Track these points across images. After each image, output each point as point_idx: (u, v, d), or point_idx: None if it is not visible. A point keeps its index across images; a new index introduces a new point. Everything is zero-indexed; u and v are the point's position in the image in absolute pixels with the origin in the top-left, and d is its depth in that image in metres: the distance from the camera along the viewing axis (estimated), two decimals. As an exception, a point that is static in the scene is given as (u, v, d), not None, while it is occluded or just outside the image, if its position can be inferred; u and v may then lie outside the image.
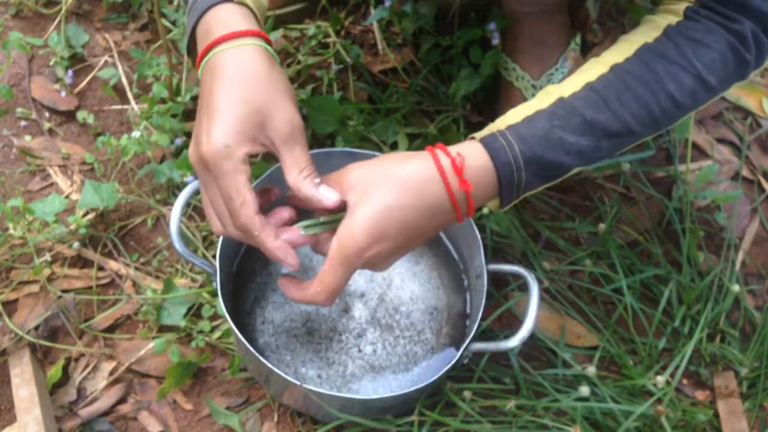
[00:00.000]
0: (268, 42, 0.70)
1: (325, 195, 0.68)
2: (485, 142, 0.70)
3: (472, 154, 0.70)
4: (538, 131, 0.71)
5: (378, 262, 0.70)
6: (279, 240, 0.69)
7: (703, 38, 0.73)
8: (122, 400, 0.93)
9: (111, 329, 0.97)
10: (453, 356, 0.84)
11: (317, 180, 0.69)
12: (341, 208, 0.69)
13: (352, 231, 0.67)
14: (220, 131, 0.65)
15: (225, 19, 0.69)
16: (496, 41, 1.07)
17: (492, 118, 1.02)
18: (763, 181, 1.18)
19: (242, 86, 0.66)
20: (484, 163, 0.70)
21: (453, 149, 0.70)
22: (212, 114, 0.66)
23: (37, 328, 0.94)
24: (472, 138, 0.72)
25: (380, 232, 0.67)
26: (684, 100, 0.73)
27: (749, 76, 0.77)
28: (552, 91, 0.73)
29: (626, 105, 0.71)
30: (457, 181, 0.69)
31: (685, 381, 0.99)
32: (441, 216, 0.70)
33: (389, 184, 0.68)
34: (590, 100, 0.72)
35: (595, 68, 0.74)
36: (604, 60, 0.74)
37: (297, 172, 0.68)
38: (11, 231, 0.97)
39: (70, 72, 1.16)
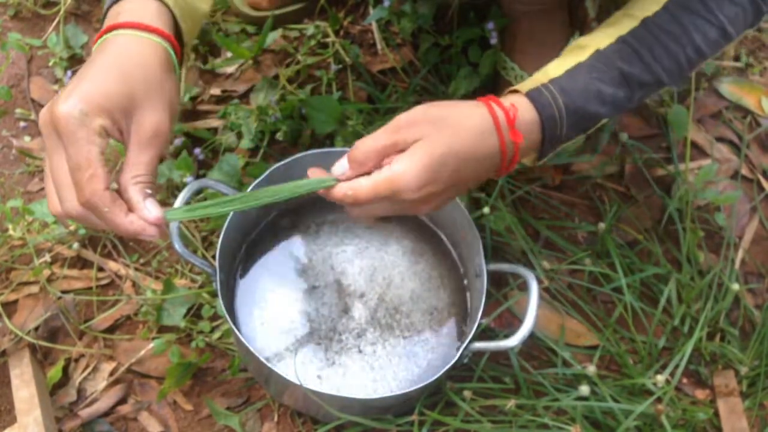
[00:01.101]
0: (174, 49, 0.68)
1: (149, 208, 0.63)
2: (532, 96, 0.72)
3: (521, 106, 0.71)
4: (579, 84, 0.73)
5: (417, 204, 0.69)
6: (131, 215, 0.62)
7: None
8: (122, 401, 0.93)
9: (111, 330, 0.97)
10: (453, 356, 0.84)
11: (148, 191, 0.64)
12: (158, 233, 0.64)
13: (409, 169, 0.66)
14: (81, 96, 0.61)
15: (138, 10, 0.67)
16: (494, 40, 1.07)
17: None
18: (762, 179, 1.18)
19: (126, 69, 0.63)
20: (532, 117, 0.71)
21: (504, 101, 0.71)
22: (81, 79, 0.62)
23: (37, 328, 0.94)
24: (516, 91, 0.73)
25: (434, 176, 0.67)
26: (707, 50, 0.76)
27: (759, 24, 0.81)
28: (587, 44, 0.75)
29: (658, 58, 0.74)
30: (509, 133, 0.70)
31: (685, 380, 0.99)
32: (487, 167, 0.71)
33: (450, 130, 0.67)
34: (624, 53, 0.74)
35: (625, 21, 0.75)
36: (633, 13, 0.76)
37: (132, 174, 0.63)
38: (11, 232, 0.97)
39: (69, 73, 1.15)
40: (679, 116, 1.13)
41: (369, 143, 0.68)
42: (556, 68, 0.74)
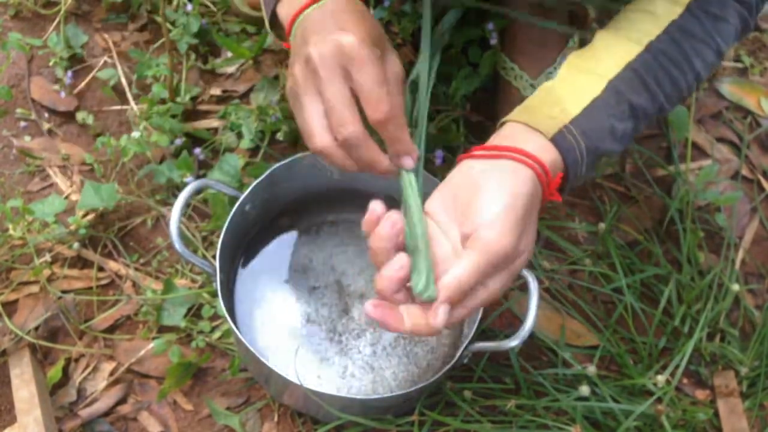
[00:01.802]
0: None
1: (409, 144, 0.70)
2: (556, 141, 0.69)
3: (546, 154, 0.68)
4: (597, 124, 0.71)
5: (521, 265, 0.65)
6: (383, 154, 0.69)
7: (720, 12, 0.75)
8: (122, 401, 0.93)
9: (111, 330, 0.97)
10: (453, 356, 0.84)
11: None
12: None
13: (497, 231, 0.61)
14: (360, 33, 0.66)
15: None
16: (494, 41, 1.07)
17: (491, 117, 1.02)
18: (762, 180, 1.18)
19: (359, 17, 0.68)
20: (555, 164, 0.69)
21: (531, 150, 0.67)
22: (329, 27, 0.67)
23: (37, 328, 0.94)
24: (537, 131, 0.69)
25: (521, 228, 0.63)
26: (704, 74, 0.76)
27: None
28: (596, 72, 0.73)
29: (662, 86, 0.73)
30: (547, 191, 0.69)
31: (685, 380, 0.99)
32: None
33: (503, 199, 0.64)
34: (633, 83, 0.73)
35: (630, 46, 0.74)
36: (635, 36, 0.74)
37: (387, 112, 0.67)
38: (11, 231, 0.97)
39: (69, 72, 1.15)
40: (679, 116, 1.13)
41: (473, 277, 0.62)
42: (573, 103, 0.71)
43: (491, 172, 0.65)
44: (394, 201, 0.99)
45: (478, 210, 0.63)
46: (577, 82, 0.73)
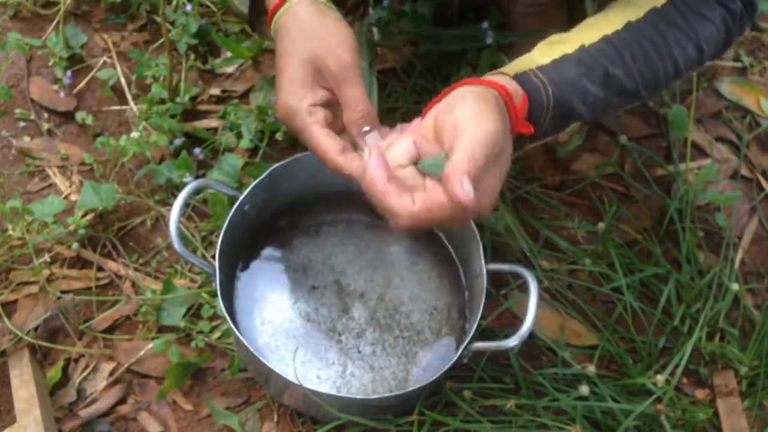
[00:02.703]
0: None
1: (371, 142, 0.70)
2: (522, 80, 0.70)
3: (510, 86, 0.69)
4: (568, 75, 0.72)
5: (506, 163, 0.66)
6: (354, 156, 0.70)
7: (704, 11, 0.75)
8: (122, 401, 0.93)
9: (110, 330, 0.97)
10: (452, 356, 0.84)
11: (366, 129, 0.71)
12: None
13: (475, 120, 0.63)
14: (282, 93, 0.70)
15: None
16: (489, 40, 1.07)
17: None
18: (762, 179, 1.18)
19: (293, 42, 0.71)
20: (519, 98, 0.70)
21: (497, 79, 0.69)
22: (277, 77, 0.72)
23: (36, 328, 0.94)
24: (503, 73, 0.71)
25: (499, 123, 0.64)
26: (683, 68, 0.76)
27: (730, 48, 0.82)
28: (567, 39, 0.74)
29: (638, 63, 0.74)
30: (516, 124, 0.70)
31: (684, 380, 0.99)
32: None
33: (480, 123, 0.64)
34: (609, 53, 0.73)
35: (607, 25, 0.75)
36: (615, 17, 0.75)
37: (350, 111, 0.70)
38: (10, 232, 0.97)
39: (68, 73, 1.15)
40: (679, 116, 1.13)
41: (481, 154, 0.63)
42: (540, 55, 0.73)
43: (458, 97, 0.67)
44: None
45: (454, 121, 0.64)
46: (551, 48, 0.75)
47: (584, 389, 0.89)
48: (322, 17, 0.71)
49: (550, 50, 0.74)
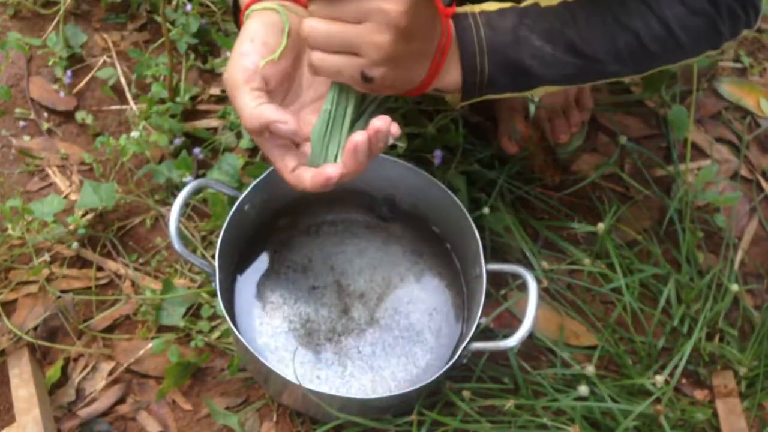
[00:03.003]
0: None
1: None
2: (456, 18, 0.70)
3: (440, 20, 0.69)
4: (508, 23, 0.72)
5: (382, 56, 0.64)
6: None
7: None
8: (121, 401, 0.93)
9: (110, 329, 0.97)
10: (452, 356, 0.84)
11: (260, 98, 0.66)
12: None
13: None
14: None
15: None
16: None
17: (490, 117, 1.02)
18: (761, 180, 1.18)
19: (240, 46, 0.67)
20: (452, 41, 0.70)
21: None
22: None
23: (36, 328, 0.94)
24: (444, 14, 0.71)
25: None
26: (649, 43, 0.75)
27: (722, 47, 0.80)
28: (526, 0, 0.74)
29: (593, 28, 0.74)
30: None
31: (684, 380, 0.99)
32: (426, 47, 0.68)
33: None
34: (561, 14, 0.73)
35: None
36: None
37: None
38: (10, 231, 0.97)
39: (68, 72, 1.15)
40: (678, 117, 1.13)
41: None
42: (491, 5, 0.73)
43: None
44: (394, 202, 0.99)
45: None
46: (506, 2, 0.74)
47: (583, 389, 0.89)
48: (265, 30, 0.68)
49: (506, 3, 0.74)
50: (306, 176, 0.66)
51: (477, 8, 0.73)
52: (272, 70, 0.67)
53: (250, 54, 0.67)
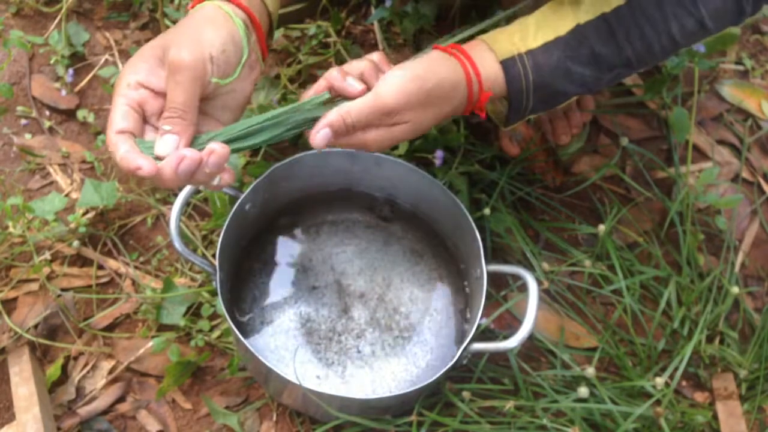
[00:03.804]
0: (245, 9, 0.70)
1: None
2: (505, 65, 0.75)
3: (489, 72, 0.75)
4: (552, 61, 0.75)
5: (400, 134, 0.73)
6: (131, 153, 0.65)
7: None
8: (121, 399, 0.93)
9: (110, 328, 0.97)
10: (452, 356, 0.84)
11: (166, 128, 0.66)
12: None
13: (390, 88, 0.71)
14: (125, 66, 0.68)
15: None
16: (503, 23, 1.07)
17: (491, 119, 1.02)
18: (763, 182, 1.18)
19: (170, 30, 0.69)
20: (497, 84, 0.75)
21: (477, 61, 0.74)
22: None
23: (36, 326, 0.94)
24: (491, 50, 0.75)
25: (417, 100, 0.71)
26: (681, 41, 0.77)
27: (743, 23, 0.82)
28: (570, 15, 0.76)
29: (632, 41, 0.76)
30: (479, 91, 0.75)
31: (684, 382, 0.99)
32: (454, 108, 0.75)
33: (432, 109, 0.73)
34: (601, 30, 0.75)
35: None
36: None
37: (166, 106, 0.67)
38: (11, 229, 0.97)
39: (70, 70, 1.15)
40: (680, 119, 1.13)
41: (356, 117, 0.71)
42: (535, 35, 0.76)
43: (427, 54, 0.75)
44: (394, 202, 1.00)
45: (392, 71, 0.72)
46: (549, 18, 0.77)
47: (583, 391, 0.89)
48: (209, 19, 0.68)
49: (547, 27, 0.76)
50: (130, 156, 0.64)
51: (523, 46, 0.75)
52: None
53: (147, 56, 0.67)
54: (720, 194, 1.12)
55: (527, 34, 0.76)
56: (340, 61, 1.17)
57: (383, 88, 0.70)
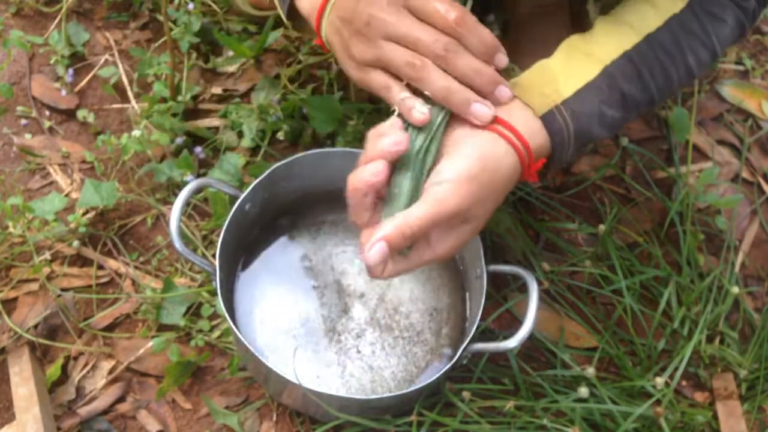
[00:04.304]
0: None
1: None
2: (546, 120, 0.71)
3: (533, 133, 0.70)
4: (587, 108, 0.72)
5: (470, 232, 0.69)
6: None
7: (719, 13, 0.76)
8: (121, 399, 0.93)
9: (110, 328, 0.97)
10: (452, 356, 0.84)
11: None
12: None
13: (450, 190, 0.64)
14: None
15: None
16: (496, 32, 1.07)
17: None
18: (763, 183, 1.18)
19: None
20: (542, 144, 0.71)
21: (518, 127, 0.69)
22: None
23: (36, 326, 0.94)
24: (529, 106, 0.71)
25: (479, 195, 0.66)
26: (697, 72, 0.77)
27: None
28: (592, 53, 0.74)
29: (655, 77, 0.74)
30: (529, 164, 0.71)
31: (684, 382, 0.99)
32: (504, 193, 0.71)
33: (489, 199, 0.68)
34: (627, 71, 0.74)
35: (629, 34, 0.75)
36: (633, 23, 0.75)
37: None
38: (11, 229, 0.97)
39: (70, 70, 1.16)
40: (680, 119, 1.13)
41: (417, 227, 0.64)
42: (566, 85, 0.73)
43: (472, 138, 0.68)
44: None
45: (443, 168, 0.65)
46: (573, 63, 0.74)
47: (583, 391, 0.89)
48: None
49: (577, 74, 0.73)
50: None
51: (557, 96, 0.72)
52: None
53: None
54: (720, 194, 1.12)
55: (557, 84, 0.73)
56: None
57: (441, 190, 0.64)
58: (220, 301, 0.83)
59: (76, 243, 1.00)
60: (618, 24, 0.76)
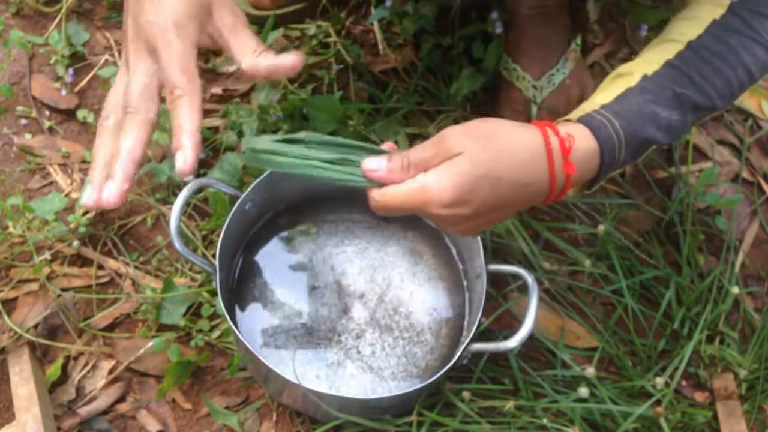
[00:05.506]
0: None
1: (284, 57, 0.67)
2: (585, 121, 0.69)
3: (577, 133, 0.68)
4: (633, 106, 0.70)
5: (444, 222, 0.66)
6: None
7: (764, 10, 0.74)
8: (121, 399, 0.93)
9: (110, 328, 0.97)
10: (452, 356, 0.84)
11: (272, 53, 0.67)
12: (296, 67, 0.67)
13: (441, 183, 0.63)
14: (169, 7, 0.67)
15: None
16: (499, 29, 1.07)
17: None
18: (763, 183, 1.18)
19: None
20: (590, 145, 0.68)
21: (561, 129, 0.67)
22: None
23: (36, 326, 0.94)
24: (567, 120, 0.70)
25: (467, 196, 0.63)
26: (756, 72, 0.75)
27: None
28: (630, 71, 0.73)
29: (708, 79, 0.73)
30: (562, 164, 0.66)
31: (684, 382, 0.99)
32: (530, 197, 0.67)
33: (496, 150, 0.64)
34: (675, 76, 0.72)
35: (667, 46, 0.74)
36: (674, 38, 0.75)
37: (250, 52, 0.69)
38: (11, 229, 0.97)
39: (70, 70, 1.15)
40: (680, 119, 1.13)
41: (412, 152, 0.65)
42: (603, 96, 0.72)
43: (507, 126, 0.67)
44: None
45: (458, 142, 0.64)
46: (613, 84, 0.74)
47: (583, 391, 0.89)
48: None
49: (612, 87, 0.73)
50: None
51: (592, 105, 0.71)
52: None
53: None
54: (720, 194, 1.12)
55: (594, 99, 0.72)
56: (340, 61, 1.17)
57: (432, 177, 0.64)
58: (220, 301, 0.83)
59: (76, 243, 1.00)
60: (659, 42, 0.76)
